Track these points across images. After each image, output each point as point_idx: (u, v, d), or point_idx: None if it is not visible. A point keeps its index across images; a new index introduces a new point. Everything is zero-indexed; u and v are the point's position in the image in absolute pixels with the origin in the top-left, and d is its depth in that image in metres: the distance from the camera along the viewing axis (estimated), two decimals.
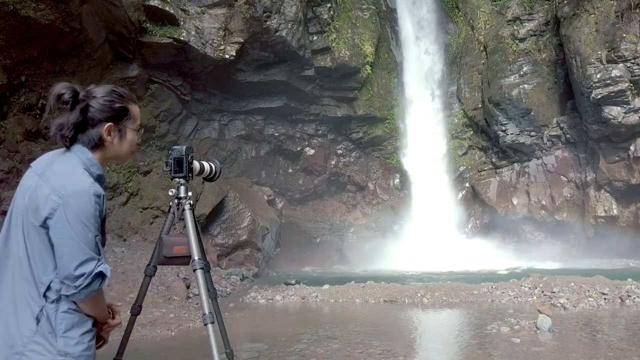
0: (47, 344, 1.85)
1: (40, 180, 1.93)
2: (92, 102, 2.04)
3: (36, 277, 1.88)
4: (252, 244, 14.31)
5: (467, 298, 9.87)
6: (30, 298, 1.87)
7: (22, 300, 1.87)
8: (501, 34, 18.40)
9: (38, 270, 1.88)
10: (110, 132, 2.07)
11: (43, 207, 1.87)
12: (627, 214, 16.59)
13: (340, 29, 16.97)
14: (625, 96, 15.19)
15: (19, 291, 1.88)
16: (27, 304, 1.87)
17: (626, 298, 9.25)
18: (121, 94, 2.12)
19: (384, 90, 18.99)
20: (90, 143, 2.05)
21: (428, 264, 15.26)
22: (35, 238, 1.88)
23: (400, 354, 6.07)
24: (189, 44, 13.47)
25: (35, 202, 1.89)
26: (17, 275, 1.89)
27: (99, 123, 2.05)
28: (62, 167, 1.96)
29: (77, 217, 1.84)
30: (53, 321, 1.86)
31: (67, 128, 2.00)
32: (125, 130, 2.14)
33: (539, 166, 18.10)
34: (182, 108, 15.19)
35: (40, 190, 1.90)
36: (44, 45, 10.51)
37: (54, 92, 1.99)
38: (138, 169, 13.41)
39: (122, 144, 2.15)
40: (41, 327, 1.85)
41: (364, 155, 19.47)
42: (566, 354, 5.96)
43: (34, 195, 1.91)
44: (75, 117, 2.01)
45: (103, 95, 2.06)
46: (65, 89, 2.00)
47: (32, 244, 1.89)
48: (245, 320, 8.58)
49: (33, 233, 1.89)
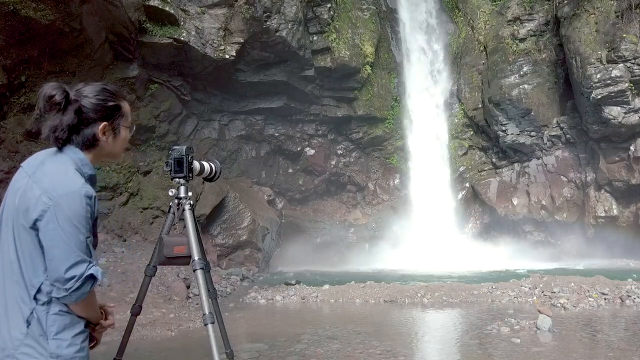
0: (39, 346, 1.82)
1: (30, 181, 1.90)
2: (84, 101, 2.00)
3: (26, 279, 1.85)
4: (252, 244, 14.31)
5: (467, 298, 9.87)
6: (21, 301, 1.85)
7: (13, 303, 1.85)
8: (501, 34, 18.40)
9: (28, 273, 1.85)
10: (105, 131, 2.04)
11: (33, 209, 1.84)
12: (627, 214, 16.59)
13: (340, 29, 16.97)
14: (625, 96, 15.19)
15: (10, 294, 1.86)
16: (18, 307, 1.85)
17: (626, 298, 9.24)
18: (113, 92, 2.09)
19: (384, 90, 18.99)
20: (84, 143, 2.01)
21: (428, 264, 15.25)
22: (25, 240, 1.86)
23: (401, 354, 6.07)
24: (189, 44, 13.47)
25: (26, 204, 1.86)
26: (7, 278, 1.88)
27: (93, 123, 2.02)
28: (53, 168, 1.93)
29: (68, 219, 1.81)
30: (44, 323, 1.83)
31: (61, 130, 1.96)
32: (119, 129, 2.11)
33: (539, 166, 18.10)
34: (182, 108, 15.19)
35: (31, 191, 1.87)
36: (44, 45, 10.51)
37: (44, 94, 1.96)
38: (138, 169, 13.41)
39: (116, 143, 2.12)
40: (32, 330, 1.82)
41: (364, 156, 19.47)
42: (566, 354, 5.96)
43: (24, 197, 1.88)
44: (69, 119, 1.97)
45: (95, 94, 2.03)
46: (55, 89, 1.97)
47: (23, 246, 1.86)
48: (246, 320, 8.58)
49: (23, 235, 1.86)
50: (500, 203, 18.28)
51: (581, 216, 17.34)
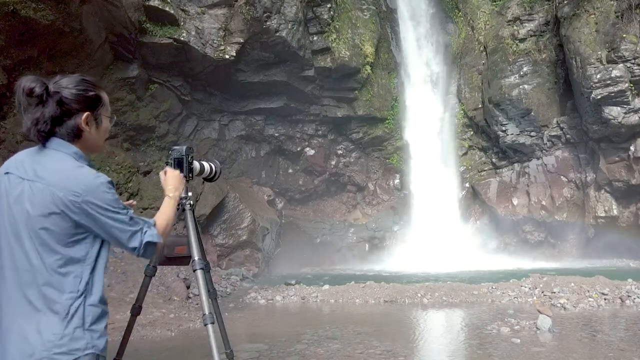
0: (74, 343, 1.84)
1: (39, 184, 1.88)
2: (65, 92, 1.97)
3: (55, 280, 1.86)
4: (252, 244, 14.31)
5: (467, 298, 9.87)
6: (51, 302, 1.84)
7: (38, 307, 1.84)
8: (501, 34, 18.40)
9: (56, 272, 1.86)
10: (87, 121, 2.02)
11: (61, 209, 1.85)
12: (627, 214, 16.59)
13: (340, 29, 16.97)
14: (625, 96, 15.19)
15: (35, 299, 1.85)
16: (47, 308, 1.84)
17: (626, 298, 9.24)
18: (92, 82, 2.07)
19: (384, 91, 18.99)
20: (69, 135, 1.99)
21: (428, 264, 15.26)
22: (47, 241, 1.86)
23: (401, 354, 6.07)
24: (189, 44, 13.47)
25: (44, 207, 1.85)
26: (26, 286, 1.86)
27: (76, 113, 1.99)
28: (59, 166, 1.91)
29: (104, 209, 1.89)
30: (81, 314, 1.87)
31: (44, 122, 1.93)
32: (101, 118, 2.10)
33: (539, 166, 18.10)
34: (182, 108, 15.19)
35: (43, 193, 1.86)
36: (44, 45, 10.51)
37: (23, 87, 1.94)
38: (138, 169, 13.41)
39: (99, 133, 2.11)
40: (70, 324, 1.84)
41: (364, 156, 19.48)
42: (566, 354, 5.96)
43: (37, 201, 1.86)
44: (51, 110, 1.94)
45: (75, 84, 2.00)
46: (34, 82, 1.94)
47: (44, 249, 1.86)
48: (245, 320, 8.58)
49: (45, 237, 1.85)
50: (500, 203, 18.29)
51: (581, 216, 17.34)
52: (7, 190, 1.92)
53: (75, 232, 1.89)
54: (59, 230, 1.87)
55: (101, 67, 12.26)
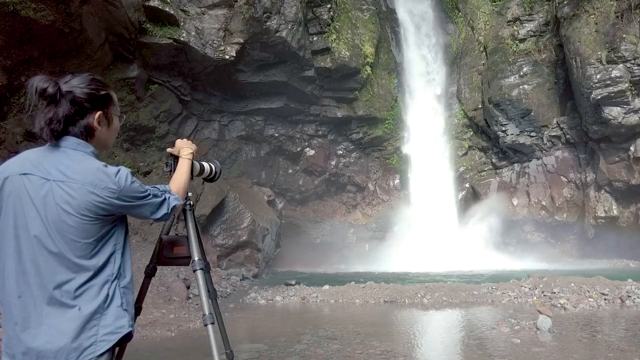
0: (118, 320, 1.94)
1: (68, 185, 1.90)
2: (77, 91, 1.99)
3: (91, 268, 1.92)
4: (252, 244, 14.31)
5: (467, 298, 9.87)
6: (87, 289, 1.90)
7: (63, 301, 1.87)
8: (501, 34, 18.41)
9: (91, 261, 1.94)
10: (100, 120, 2.05)
11: (97, 206, 1.91)
12: (627, 214, 16.59)
13: (340, 29, 16.97)
14: (625, 97, 15.19)
15: (68, 289, 1.88)
16: (84, 297, 1.89)
17: (626, 298, 9.24)
18: (102, 81, 2.10)
19: (384, 91, 19.00)
20: (82, 134, 2.01)
21: (428, 265, 15.26)
22: (81, 235, 1.90)
23: (401, 354, 6.07)
24: (189, 44, 13.47)
25: (82, 205, 1.89)
26: (44, 286, 1.87)
27: (88, 113, 2.02)
28: (86, 165, 1.95)
29: (137, 198, 2.03)
30: (119, 296, 1.97)
31: (57, 122, 1.95)
32: (112, 117, 2.13)
33: (539, 167, 18.10)
34: (182, 109, 15.19)
35: (79, 193, 1.89)
36: (44, 46, 10.52)
37: (35, 87, 1.93)
38: (138, 170, 13.41)
39: (110, 132, 2.14)
40: (111, 305, 1.93)
41: (364, 156, 19.48)
42: (566, 354, 5.96)
43: (73, 200, 1.89)
44: (65, 109, 1.96)
45: (87, 84, 2.02)
46: (47, 82, 1.95)
47: (76, 245, 1.90)
48: (245, 320, 8.57)
49: (78, 231, 1.90)
50: (500, 203, 18.28)
51: (581, 216, 17.35)
52: (29, 191, 1.93)
53: (108, 222, 1.98)
54: (93, 223, 1.93)
55: (101, 67, 12.26)
